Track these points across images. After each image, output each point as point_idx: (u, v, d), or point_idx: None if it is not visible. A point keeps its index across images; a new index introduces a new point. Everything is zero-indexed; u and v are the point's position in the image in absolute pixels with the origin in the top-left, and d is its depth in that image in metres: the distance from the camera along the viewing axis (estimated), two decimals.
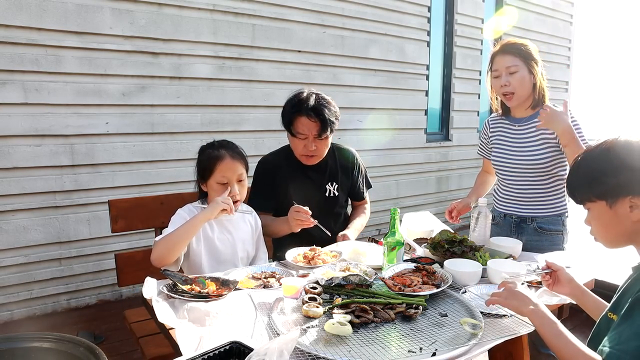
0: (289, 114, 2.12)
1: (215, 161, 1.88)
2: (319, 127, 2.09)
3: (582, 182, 1.23)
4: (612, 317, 1.20)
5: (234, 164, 1.90)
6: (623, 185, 1.14)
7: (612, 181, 1.16)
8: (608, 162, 1.17)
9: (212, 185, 1.90)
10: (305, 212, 1.99)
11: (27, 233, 3.12)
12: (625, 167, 1.14)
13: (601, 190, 1.18)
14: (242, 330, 1.35)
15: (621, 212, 1.16)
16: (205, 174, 1.91)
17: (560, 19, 7.01)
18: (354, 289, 1.54)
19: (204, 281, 1.62)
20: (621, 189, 1.15)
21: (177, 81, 3.57)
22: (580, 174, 1.24)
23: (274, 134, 4.11)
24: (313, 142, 2.12)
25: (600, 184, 1.18)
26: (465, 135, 5.87)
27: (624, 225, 1.18)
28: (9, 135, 2.99)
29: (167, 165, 3.60)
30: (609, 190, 1.17)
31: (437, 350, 1.22)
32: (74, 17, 3.11)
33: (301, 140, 2.12)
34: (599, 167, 1.19)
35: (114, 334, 3.03)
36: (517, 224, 2.26)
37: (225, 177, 1.88)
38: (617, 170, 1.15)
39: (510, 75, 2.12)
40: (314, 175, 2.26)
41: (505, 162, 2.24)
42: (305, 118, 2.08)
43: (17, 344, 1.14)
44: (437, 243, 1.94)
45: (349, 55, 4.57)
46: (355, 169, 2.39)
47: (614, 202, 1.17)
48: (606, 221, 1.20)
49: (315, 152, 2.15)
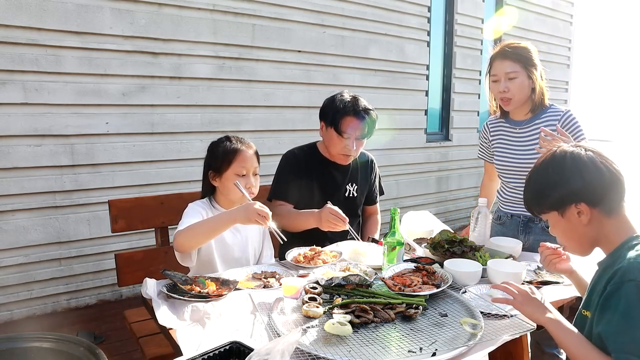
0: (339, 112, 2.14)
1: (234, 153, 1.89)
2: (365, 129, 2.15)
3: (532, 196, 1.34)
4: (585, 314, 1.26)
5: (251, 156, 1.93)
6: (566, 195, 1.24)
7: (555, 193, 1.26)
8: (548, 176, 1.28)
9: (229, 176, 1.89)
10: (343, 218, 1.98)
11: (27, 233, 3.12)
12: (564, 179, 1.24)
13: (549, 202, 1.29)
14: (242, 330, 1.35)
15: (572, 219, 1.26)
16: (221, 166, 1.90)
17: (560, 19, 7.01)
18: (354, 289, 1.54)
19: (204, 281, 1.62)
20: (565, 199, 1.25)
21: (177, 81, 3.57)
22: (530, 189, 1.35)
23: (274, 134, 4.12)
24: (355, 143, 2.16)
25: (546, 197, 1.29)
26: (465, 135, 5.87)
27: (579, 231, 1.27)
28: (9, 135, 2.99)
29: (167, 165, 3.60)
30: (556, 202, 1.27)
31: (437, 350, 1.22)
32: (74, 17, 3.11)
33: (343, 139, 2.15)
34: (543, 181, 1.30)
35: (114, 334, 3.03)
36: (525, 223, 2.25)
37: (244, 168, 1.89)
38: (557, 183, 1.26)
39: (509, 81, 2.12)
40: (337, 174, 2.30)
41: (509, 164, 2.24)
42: (355, 119, 2.13)
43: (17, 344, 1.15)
44: (437, 243, 1.94)
45: (349, 55, 4.57)
46: (373, 173, 2.46)
47: (563, 211, 1.26)
48: (563, 229, 1.30)
49: (353, 152, 2.20)
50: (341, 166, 2.30)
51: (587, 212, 1.23)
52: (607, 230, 1.25)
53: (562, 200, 1.25)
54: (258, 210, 1.67)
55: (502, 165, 2.27)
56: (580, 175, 1.23)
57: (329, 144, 2.23)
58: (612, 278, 1.15)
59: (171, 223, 2.20)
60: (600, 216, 1.24)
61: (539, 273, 1.81)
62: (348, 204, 2.32)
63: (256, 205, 1.68)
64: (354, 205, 2.37)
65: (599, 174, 1.22)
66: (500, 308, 1.46)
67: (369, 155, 2.45)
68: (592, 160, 1.23)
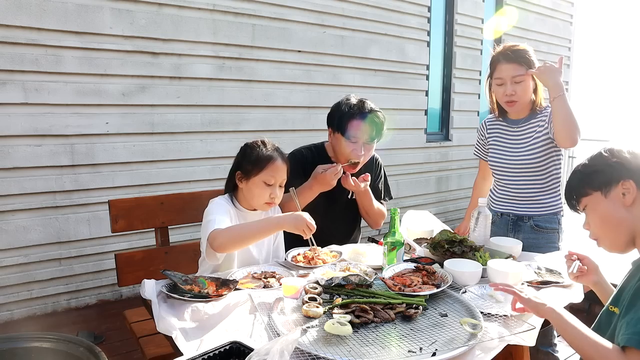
0: (346, 116, 2.12)
1: (268, 160, 1.88)
2: (373, 132, 2.13)
3: (579, 178, 1.36)
4: (613, 309, 1.26)
5: (283, 167, 1.91)
6: (615, 172, 1.27)
7: (605, 172, 1.29)
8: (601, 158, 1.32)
9: (256, 182, 1.88)
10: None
11: (27, 233, 3.12)
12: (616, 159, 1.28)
13: (596, 181, 1.30)
14: (242, 330, 1.35)
15: (616, 199, 1.27)
16: (252, 170, 1.88)
17: (560, 19, 7.01)
18: (354, 289, 1.54)
19: (204, 281, 1.62)
20: (613, 177, 1.27)
21: (177, 81, 3.57)
22: (577, 174, 1.37)
23: (274, 134, 4.11)
24: (363, 147, 2.14)
25: (594, 176, 1.31)
26: (465, 135, 5.87)
27: (619, 214, 1.27)
28: (9, 135, 2.99)
29: (167, 165, 3.60)
30: (603, 180, 1.29)
31: (437, 350, 1.22)
32: (74, 17, 3.11)
33: (352, 143, 2.13)
34: (594, 164, 1.33)
35: (114, 334, 3.03)
36: (514, 222, 2.28)
37: (273, 178, 1.88)
38: (609, 163, 1.29)
39: (516, 84, 2.14)
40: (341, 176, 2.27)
41: (502, 162, 2.27)
42: (363, 123, 2.11)
43: (17, 344, 1.15)
44: (437, 243, 1.94)
45: (349, 55, 4.57)
46: (376, 172, 2.40)
47: (608, 190, 1.28)
48: (602, 214, 1.30)
49: (362, 157, 2.16)
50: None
51: (634, 190, 1.24)
52: None
53: (610, 178, 1.27)
54: (308, 223, 1.71)
55: (495, 163, 2.30)
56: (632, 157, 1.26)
57: (337, 149, 2.20)
58: None
59: (171, 223, 2.20)
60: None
61: (539, 273, 1.81)
62: (350, 206, 2.32)
63: (306, 216, 1.71)
64: (356, 208, 2.35)
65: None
66: (500, 308, 1.47)
67: (375, 155, 2.42)
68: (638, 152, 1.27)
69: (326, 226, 2.01)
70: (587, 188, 1.32)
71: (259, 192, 1.88)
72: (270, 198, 1.89)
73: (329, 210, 2.18)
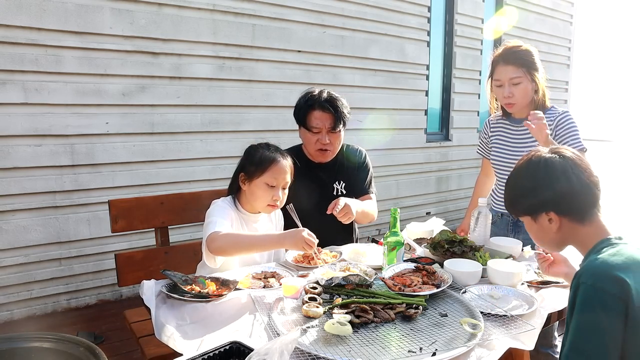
0: (303, 109, 2.18)
1: (271, 162, 1.89)
2: (332, 120, 2.15)
3: (508, 201, 1.40)
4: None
5: (286, 170, 1.93)
6: (536, 203, 1.29)
7: (527, 201, 1.31)
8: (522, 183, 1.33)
9: (258, 184, 1.89)
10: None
11: (27, 233, 3.12)
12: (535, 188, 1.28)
13: (522, 208, 1.35)
14: (242, 330, 1.35)
15: (544, 225, 1.30)
16: (255, 171, 1.89)
17: (560, 19, 7.01)
18: (354, 289, 1.54)
19: (204, 281, 1.62)
20: (537, 207, 1.29)
21: (177, 81, 3.57)
22: (507, 193, 1.40)
23: (274, 134, 4.11)
24: (327, 136, 2.16)
25: (519, 203, 1.35)
26: (465, 135, 5.87)
27: (550, 235, 1.30)
28: (9, 135, 2.99)
29: (167, 165, 3.60)
30: (527, 208, 1.32)
31: (437, 350, 1.22)
32: (74, 17, 3.11)
33: (315, 134, 2.16)
34: (517, 187, 1.35)
35: (114, 334, 3.02)
36: (514, 222, 2.29)
37: (276, 180, 1.89)
38: (529, 191, 1.30)
39: (513, 86, 2.14)
40: (322, 174, 2.29)
41: (504, 161, 2.27)
42: (319, 111, 2.15)
43: (17, 344, 1.14)
44: (437, 243, 1.94)
45: (349, 55, 4.57)
46: (361, 167, 2.39)
47: (536, 217, 1.31)
48: (536, 233, 1.35)
49: (328, 146, 2.19)
50: (326, 165, 2.28)
51: (557, 220, 1.26)
52: (581, 236, 1.27)
53: (533, 207, 1.30)
54: (306, 239, 1.68)
55: (497, 162, 2.31)
56: (550, 185, 1.25)
57: (305, 143, 2.24)
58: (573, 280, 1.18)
59: (171, 223, 2.20)
60: (571, 224, 1.27)
61: (539, 273, 1.81)
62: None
63: (304, 233, 1.69)
64: None
65: (568, 184, 1.24)
66: (500, 308, 1.47)
67: (358, 148, 2.43)
68: (563, 169, 1.25)
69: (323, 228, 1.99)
70: (517, 212, 1.37)
71: (261, 193, 1.89)
72: (272, 200, 1.89)
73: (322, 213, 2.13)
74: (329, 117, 2.15)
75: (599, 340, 1.08)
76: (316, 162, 2.27)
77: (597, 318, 1.08)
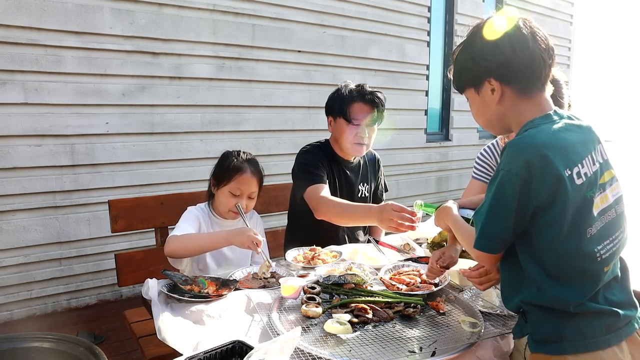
0: (347, 99, 2.14)
1: (235, 172, 1.92)
2: (375, 114, 2.15)
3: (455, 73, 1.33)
4: None
5: (251, 181, 1.94)
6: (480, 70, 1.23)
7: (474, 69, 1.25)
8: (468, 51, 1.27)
9: (224, 192, 1.93)
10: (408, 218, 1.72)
11: (27, 233, 3.12)
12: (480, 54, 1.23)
13: (465, 78, 1.29)
14: (242, 330, 1.35)
15: (486, 96, 1.25)
16: (221, 180, 1.93)
17: (560, 19, 7.01)
18: (352, 289, 1.54)
19: (204, 281, 1.62)
20: (482, 74, 1.23)
21: (177, 81, 3.57)
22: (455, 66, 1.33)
23: (274, 134, 4.12)
24: (366, 129, 2.15)
25: (465, 71, 1.29)
26: (465, 135, 5.87)
27: (491, 110, 1.26)
28: (9, 135, 2.99)
29: (167, 165, 3.60)
30: (472, 78, 1.27)
31: (437, 350, 1.22)
32: (74, 17, 3.11)
33: (354, 126, 2.13)
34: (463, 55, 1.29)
35: (114, 334, 3.03)
36: None
37: (239, 190, 1.92)
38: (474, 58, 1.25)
39: None
40: (350, 174, 2.28)
41: None
42: (363, 104, 2.13)
43: (17, 344, 1.15)
44: (437, 243, 1.94)
45: (349, 55, 4.57)
46: (380, 171, 2.44)
47: (479, 87, 1.25)
48: (478, 107, 1.30)
49: (366, 140, 2.17)
50: (353, 166, 2.28)
51: (499, 89, 1.21)
52: (520, 111, 1.22)
53: (479, 75, 1.24)
54: (252, 238, 1.71)
55: None
56: (493, 52, 1.20)
57: (340, 136, 2.18)
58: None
59: (171, 223, 2.20)
60: (513, 96, 1.21)
61: None
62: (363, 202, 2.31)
63: (251, 233, 1.72)
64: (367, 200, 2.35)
65: (512, 53, 1.18)
66: (499, 307, 1.47)
67: (374, 153, 2.44)
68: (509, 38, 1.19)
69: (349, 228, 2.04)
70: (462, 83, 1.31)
71: (224, 200, 1.93)
72: (235, 208, 1.91)
73: None
74: (372, 111, 2.14)
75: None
76: (344, 160, 2.25)
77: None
